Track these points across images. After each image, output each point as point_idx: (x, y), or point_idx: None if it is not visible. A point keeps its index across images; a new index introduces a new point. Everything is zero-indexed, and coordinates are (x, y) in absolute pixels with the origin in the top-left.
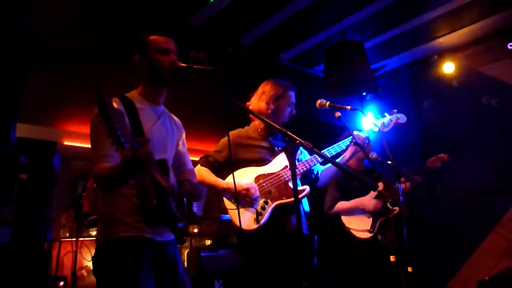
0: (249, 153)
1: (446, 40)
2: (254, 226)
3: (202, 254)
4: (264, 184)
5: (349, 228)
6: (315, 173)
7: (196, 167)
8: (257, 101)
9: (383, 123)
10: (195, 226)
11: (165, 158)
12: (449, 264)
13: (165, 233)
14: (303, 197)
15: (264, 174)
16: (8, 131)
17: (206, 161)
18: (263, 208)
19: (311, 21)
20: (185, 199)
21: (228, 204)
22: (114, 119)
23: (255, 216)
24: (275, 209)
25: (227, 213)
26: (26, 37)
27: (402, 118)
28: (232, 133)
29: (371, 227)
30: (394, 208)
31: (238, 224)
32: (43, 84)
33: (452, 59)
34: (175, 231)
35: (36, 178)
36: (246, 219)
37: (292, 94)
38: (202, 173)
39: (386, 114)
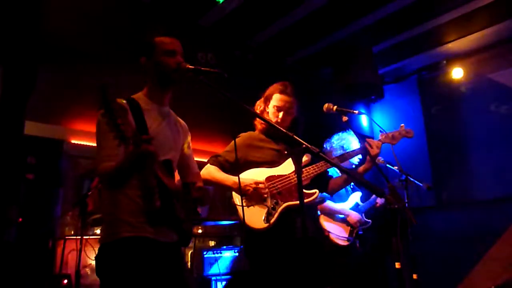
0: (260, 155)
1: (455, 45)
2: (264, 225)
3: (206, 255)
4: (275, 185)
5: (328, 232)
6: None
7: (206, 166)
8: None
9: (393, 136)
10: (199, 227)
11: (170, 159)
12: (455, 271)
13: (169, 234)
14: (312, 201)
15: (275, 176)
16: (17, 132)
17: (216, 160)
18: (274, 209)
19: (319, 25)
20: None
21: (238, 200)
22: (116, 114)
23: (265, 215)
24: (285, 211)
25: (233, 213)
26: (36, 37)
27: (410, 133)
28: (244, 135)
29: (349, 235)
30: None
31: (245, 221)
32: (51, 83)
33: (461, 64)
34: (179, 232)
35: (42, 177)
36: (256, 218)
37: (278, 96)
38: (212, 170)
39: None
